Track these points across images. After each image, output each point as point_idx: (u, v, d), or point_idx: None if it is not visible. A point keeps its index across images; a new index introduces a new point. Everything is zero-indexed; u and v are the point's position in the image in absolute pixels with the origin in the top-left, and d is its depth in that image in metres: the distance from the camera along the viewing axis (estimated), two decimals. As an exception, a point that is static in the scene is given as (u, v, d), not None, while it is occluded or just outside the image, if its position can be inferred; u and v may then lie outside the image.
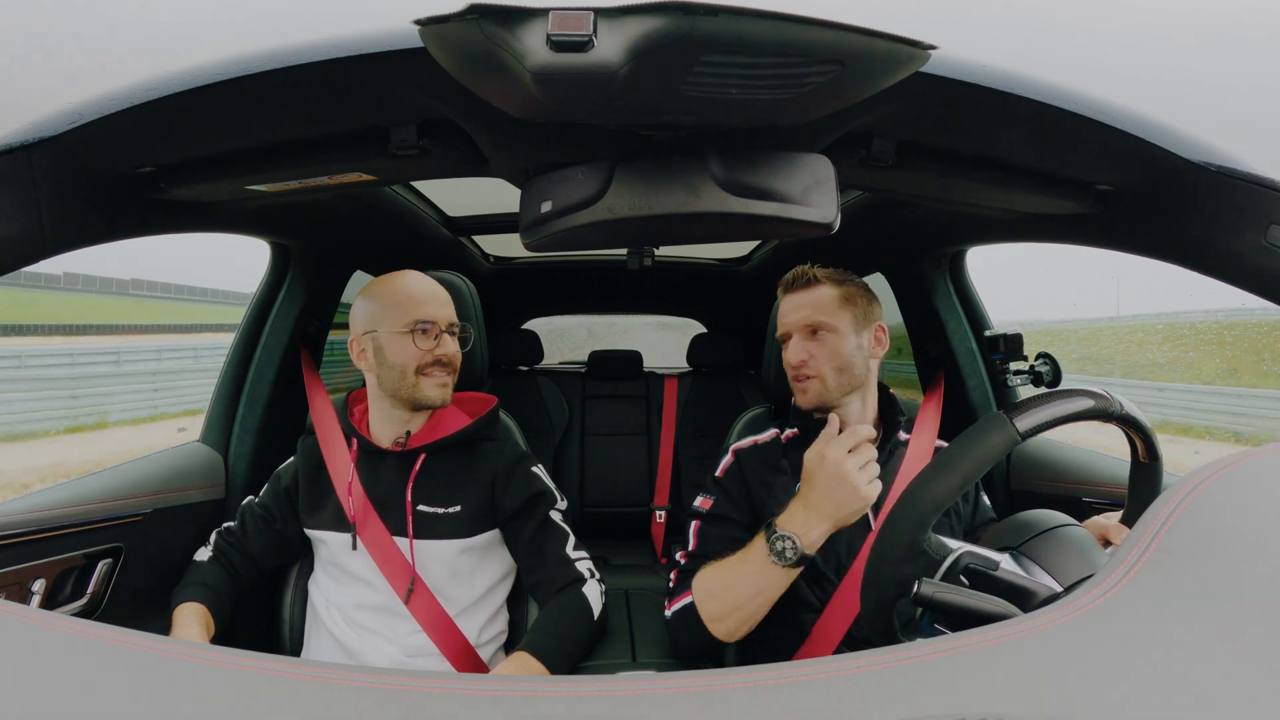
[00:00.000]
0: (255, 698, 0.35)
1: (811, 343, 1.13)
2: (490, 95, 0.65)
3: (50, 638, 0.38)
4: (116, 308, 16.46)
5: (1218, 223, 0.80)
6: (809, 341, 1.13)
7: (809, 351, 1.12)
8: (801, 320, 1.13)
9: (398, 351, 1.13)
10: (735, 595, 0.98)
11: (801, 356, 1.12)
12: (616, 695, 0.35)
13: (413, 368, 1.13)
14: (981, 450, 0.63)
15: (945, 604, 0.59)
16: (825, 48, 0.57)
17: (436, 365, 1.14)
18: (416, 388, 1.13)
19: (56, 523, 1.02)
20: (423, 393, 1.14)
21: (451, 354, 1.16)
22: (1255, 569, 0.41)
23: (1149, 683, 0.34)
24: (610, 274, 2.64)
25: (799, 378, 1.14)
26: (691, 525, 1.16)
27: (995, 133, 0.85)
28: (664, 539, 2.52)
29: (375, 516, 1.14)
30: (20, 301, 13.09)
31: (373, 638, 1.12)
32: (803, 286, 1.15)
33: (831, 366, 1.11)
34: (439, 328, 1.14)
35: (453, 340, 1.17)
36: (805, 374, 1.12)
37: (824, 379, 1.11)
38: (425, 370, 1.13)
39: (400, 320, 1.13)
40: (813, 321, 1.13)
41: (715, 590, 1.01)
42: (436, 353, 1.13)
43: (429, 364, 1.13)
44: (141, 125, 0.74)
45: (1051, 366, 1.36)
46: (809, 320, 1.13)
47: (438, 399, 1.15)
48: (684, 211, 0.76)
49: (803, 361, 1.12)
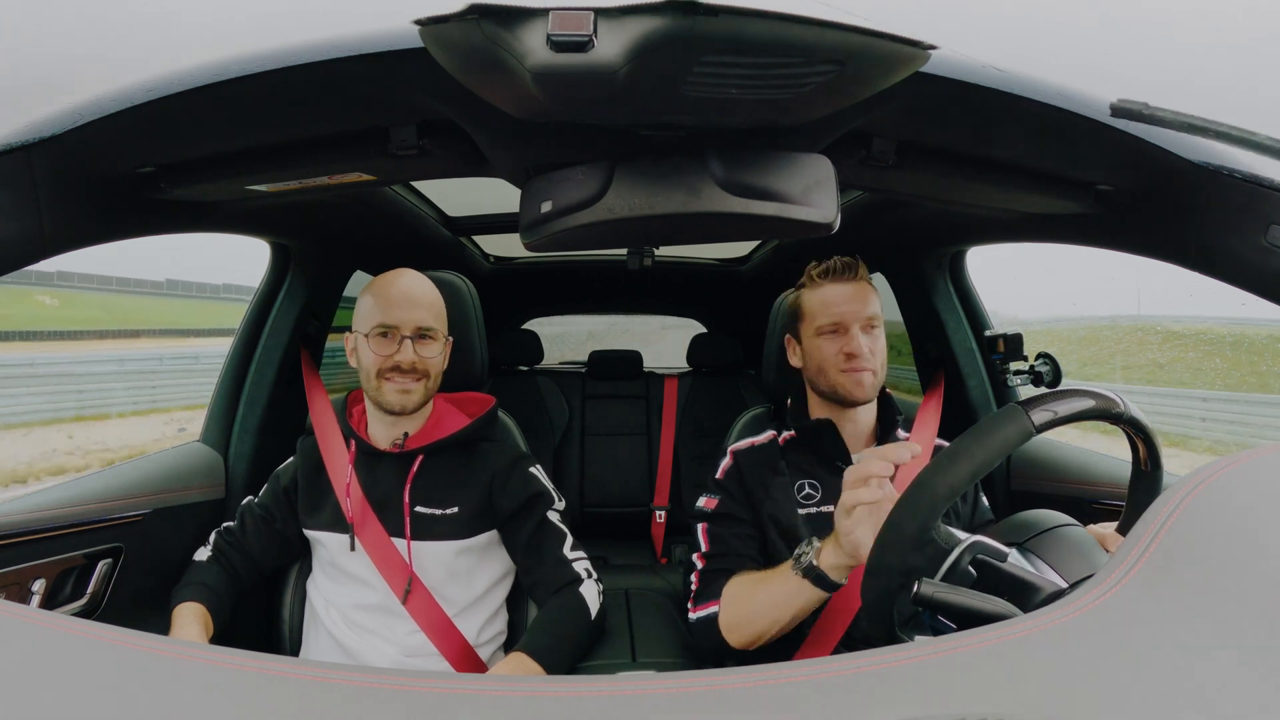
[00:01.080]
0: (255, 698, 0.35)
1: (869, 336, 1.11)
2: (490, 95, 0.65)
3: (50, 638, 0.38)
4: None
5: (1218, 223, 0.80)
6: (868, 335, 1.11)
7: (869, 345, 1.11)
8: (861, 313, 1.11)
9: (364, 354, 1.13)
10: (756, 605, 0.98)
11: (864, 349, 1.10)
12: (616, 695, 0.35)
13: (374, 371, 1.11)
14: (996, 440, 0.62)
15: (945, 604, 0.59)
16: (825, 48, 0.57)
17: (396, 370, 1.11)
18: (379, 391, 1.12)
19: (56, 523, 1.02)
20: (384, 397, 1.12)
21: (409, 361, 1.11)
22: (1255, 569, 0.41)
23: (1149, 683, 0.34)
24: (610, 274, 2.64)
25: (855, 369, 1.10)
26: (699, 527, 1.15)
27: (995, 133, 0.85)
28: (664, 539, 2.52)
29: (373, 518, 1.14)
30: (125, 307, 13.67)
31: (371, 638, 1.12)
32: (853, 277, 1.14)
33: (880, 362, 1.12)
34: (400, 333, 1.11)
35: (420, 346, 1.12)
36: (863, 366, 1.10)
37: (875, 373, 1.11)
38: (385, 374, 1.11)
39: (368, 323, 1.12)
40: (871, 315, 1.12)
41: (739, 596, 1.01)
42: (396, 358, 1.10)
43: (388, 369, 1.11)
44: (141, 125, 0.74)
45: (1051, 366, 1.36)
46: (868, 313, 1.11)
47: (397, 405, 1.12)
48: (684, 211, 0.76)
49: (865, 353, 1.10)
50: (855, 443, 1.16)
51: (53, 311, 12.69)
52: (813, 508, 1.12)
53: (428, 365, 1.13)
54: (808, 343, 1.16)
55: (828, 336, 1.13)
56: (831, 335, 1.12)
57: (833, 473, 1.14)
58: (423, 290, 1.16)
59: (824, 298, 1.14)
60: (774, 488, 1.13)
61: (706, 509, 1.15)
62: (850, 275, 1.13)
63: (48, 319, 12.45)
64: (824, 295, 1.14)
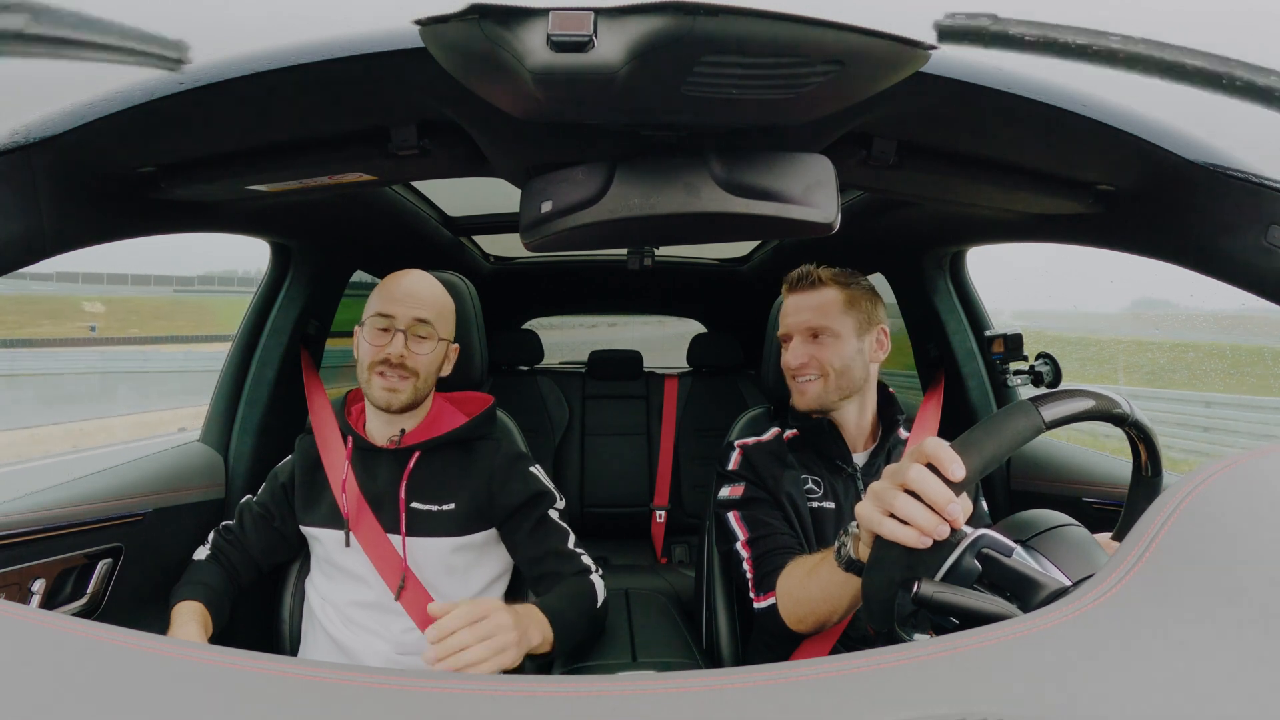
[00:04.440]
0: (255, 698, 0.35)
1: (812, 345, 1.13)
2: (490, 95, 0.65)
3: (50, 638, 0.38)
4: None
5: (1218, 223, 0.80)
6: (810, 344, 1.13)
7: (809, 354, 1.12)
8: (804, 323, 1.13)
9: (361, 345, 1.13)
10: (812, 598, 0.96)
11: (801, 359, 1.12)
12: (616, 695, 0.35)
13: (366, 363, 1.11)
14: (1007, 434, 0.62)
15: (945, 604, 0.59)
16: (825, 48, 0.57)
17: (386, 364, 1.09)
18: (369, 385, 1.12)
19: (56, 523, 1.02)
20: (372, 392, 1.12)
21: (397, 354, 1.09)
22: (1255, 569, 0.41)
23: (1149, 682, 0.34)
24: (610, 274, 2.64)
25: (798, 379, 1.14)
26: (730, 515, 1.14)
27: (995, 133, 0.86)
28: (664, 539, 2.52)
29: (369, 513, 1.14)
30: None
31: (366, 635, 1.12)
32: (808, 287, 1.15)
33: (831, 370, 1.11)
34: (395, 324, 1.10)
35: (413, 341, 1.11)
36: (804, 376, 1.13)
37: (824, 381, 1.11)
38: (376, 368, 1.10)
39: (368, 313, 1.12)
40: (815, 325, 1.12)
41: (794, 590, 1.00)
42: (386, 350, 1.09)
43: (379, 362, 1.10)
44: (141, 125, 0.74)
45: (1052, 366, 1.36)
46: (811, 323, 1.13)
47: (382, 401, 1.11)
48: (684, 212, 0.76)
49: (802, 364, 1.12)
50: (855, 442, 1.17)
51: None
52: (815, 503, 1.13)
53: (417, 363, 1.11)
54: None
55: (783, 346, 1.17)
56: (785, 345, 1.17)
57: (833, 471, 1.15)
58: (426, 288, 1.16)
59: (784, 308, 1.18)
60: (785, 480, 1.14)
61: (733, 497, 1.15)
62: (805, 285, 1.15)
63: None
64: (785, 306, 1.18)
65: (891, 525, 0.62)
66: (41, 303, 11.60)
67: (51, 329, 15.69)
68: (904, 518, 0.61)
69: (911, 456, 0.64)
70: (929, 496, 0.60)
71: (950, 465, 0.61)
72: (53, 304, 16.51)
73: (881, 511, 0.63)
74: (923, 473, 0.61)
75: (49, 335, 14.89)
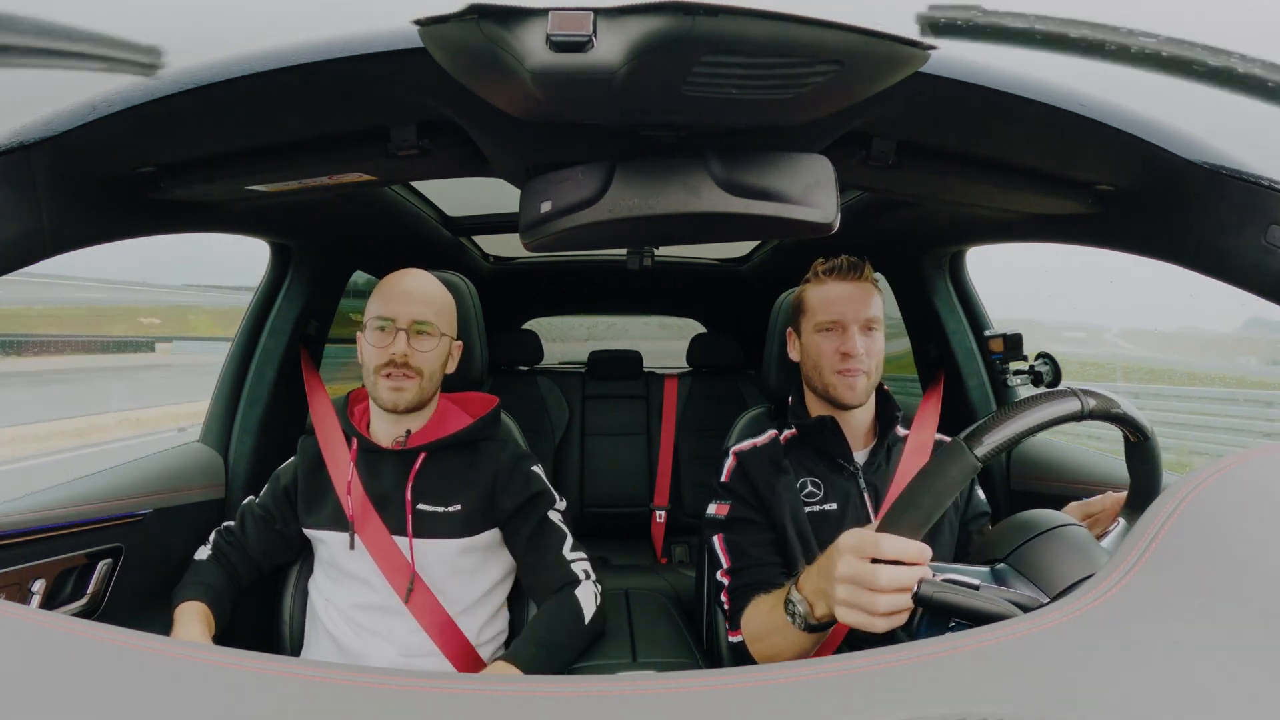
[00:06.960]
0: (255, 698, 0.35)
1: (866, 337, 1.11)
2: (490, 95, 0.65)
3: (50, 638, 0.38)
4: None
5: (1218, 223, 0.80)
6: (865, 336, 1.11)
7: (865, 345, 1.10)
8: (862, 314, 1.11)
9: (365, 348, 1.12)
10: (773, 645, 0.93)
11: (860, 349, 1.09)
12: (616, 695, 0.35)
13: (372, 367, 1.11)
14: (941, 484, 0.62)
15: (945, 604, 0.59)
16: (825, 48, 0.57)
17: (391, 366, 1.09)
18: (375, 388, 1.12)
19: (56, 523, 1.02)
20: (379, 394, 1.11)
21: (401, 354, 1.09)
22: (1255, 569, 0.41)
23: (1149, 682, 0.34)
24: (610, 274, 2.64)
25: (849, 371, 1.10)
26: (715, 539, 1.12)
27: (995, 133, 0.86)
28: (664, 539, 2.52)
29: (375, 515, 1.14)
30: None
31: (371, 638, 1.12)
32: (858, 277, 1.13)
33: (875, 365, 1.11)
34: (396, 325, 1.10)
35: (415, 340, 1.11)
36: (858, 368, 1.09)
37: (869, 376, 1.11)
38: (382, 370, 1.10)
39: (369, 316, 1.12)
40: (871, 317, 1.11)
41: (757, 634, 0.98)
42: (390, 351, 1.09)
43: (384, 363, 1.10)
44: (141, 125, 0.74)
45: (1051, 366, 1.35)
46: (868, 315, 1.11)
47: (389, 402, 1.11)
48: (684, 211, 0.76)
49: (861, 355, 1.09)
50: (855, 440, 1.16)
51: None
52: (815, 506, 1.12)
53: (420, 361, 1.11)
54: (807, 338, 1.16)
55: (825, 334, 1.13)
56: (829, 333, 1.12)
57: (834, 470, 1.14)
58: (425, 287, 1.16)
59: (826, 295, 1.13)
60: (780, 486, 1.12)
61: (719, 516, 1.13)
62: (855, 275, 1.13)
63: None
64: (826, 292, 1.13)
65: (852, 616, 0.67)
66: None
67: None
68: (854, 608, 0.67)
69: (841, 551, 0.68)
70: (868, 585, 0.65)
71: (879, 548, 0.64)
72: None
73: (836, 603, 0.69)
74: (857, 567, 0.66)
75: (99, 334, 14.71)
